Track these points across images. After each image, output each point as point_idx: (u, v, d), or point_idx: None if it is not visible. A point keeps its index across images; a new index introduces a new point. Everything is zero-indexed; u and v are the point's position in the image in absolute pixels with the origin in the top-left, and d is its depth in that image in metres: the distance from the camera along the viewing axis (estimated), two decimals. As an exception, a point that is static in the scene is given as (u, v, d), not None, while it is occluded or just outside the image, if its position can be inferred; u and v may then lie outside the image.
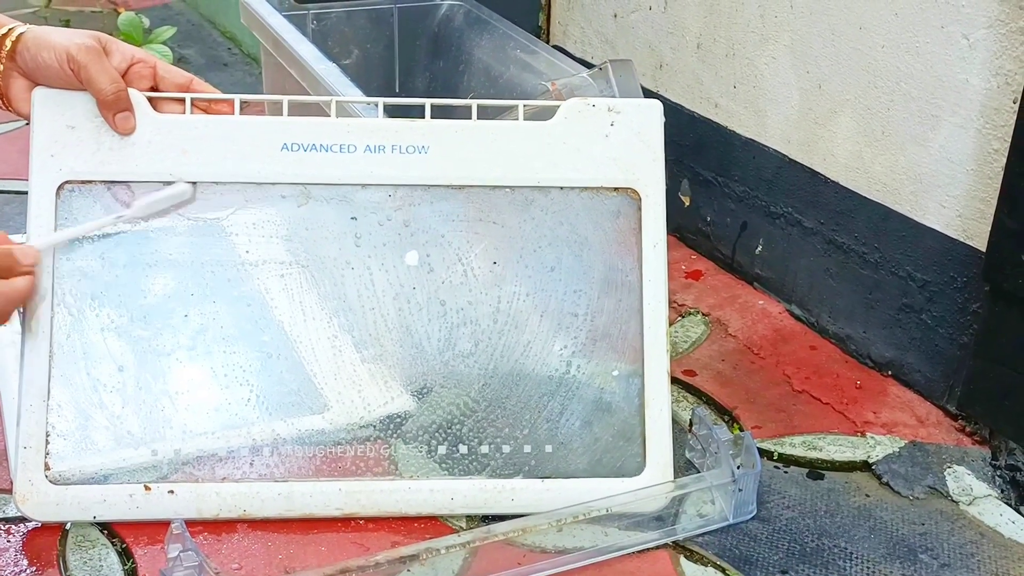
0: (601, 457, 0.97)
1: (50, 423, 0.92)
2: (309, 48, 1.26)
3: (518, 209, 0.98)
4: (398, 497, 0.94)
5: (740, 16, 1.28)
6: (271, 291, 0.96)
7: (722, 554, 0.94)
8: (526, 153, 0.97)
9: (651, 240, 0.97)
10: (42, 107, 0.92)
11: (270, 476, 0.94)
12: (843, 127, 1.18)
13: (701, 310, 1.30)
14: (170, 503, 0.92)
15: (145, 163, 0.94)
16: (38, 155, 0.93)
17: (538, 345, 0.98)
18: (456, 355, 0.97)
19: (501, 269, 0.98)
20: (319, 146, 0.95)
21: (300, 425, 0.95)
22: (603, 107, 0.98)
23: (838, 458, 1.06)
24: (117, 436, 0.93)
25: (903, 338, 1.15)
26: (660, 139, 0.98)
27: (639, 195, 0.98)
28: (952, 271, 1.08)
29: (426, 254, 0.97)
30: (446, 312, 0.97)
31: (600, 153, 0.97)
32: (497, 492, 0.95)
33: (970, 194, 1.05)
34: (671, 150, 1.44)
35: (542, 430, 0.97)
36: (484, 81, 1.39)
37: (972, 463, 1.05)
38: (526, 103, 0.98)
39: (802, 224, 1.25)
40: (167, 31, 1.99)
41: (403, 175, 0.96)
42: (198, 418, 0.94)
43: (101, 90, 0.90)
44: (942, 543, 0.96)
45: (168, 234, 0.95)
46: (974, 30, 1.01)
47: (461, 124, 0.97)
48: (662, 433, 0.96)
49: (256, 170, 0.95)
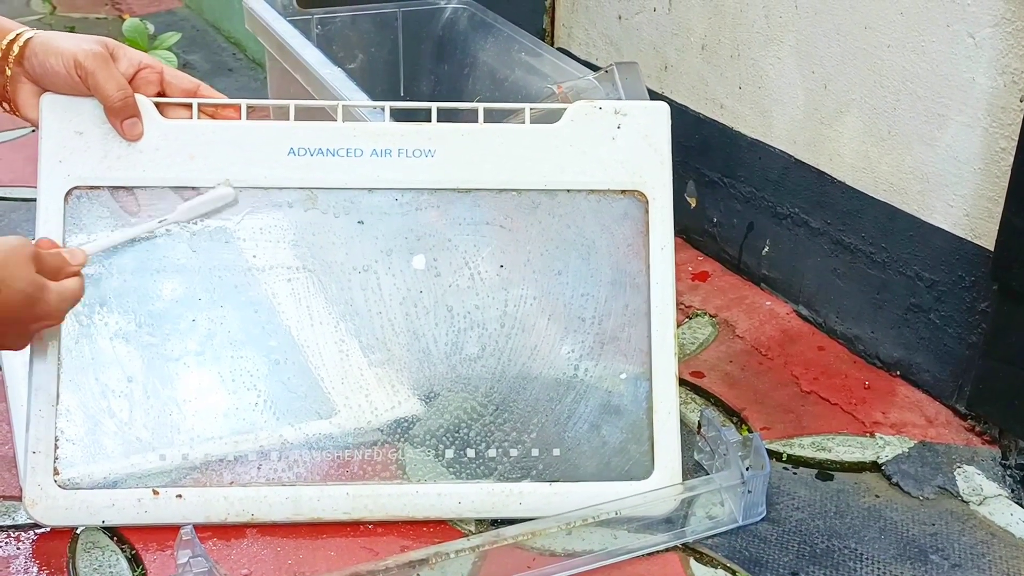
0: (609, 460, 0.96)
1: (59, 428, 0.92)
2: (314, 53, 1.26)
3: (525, 212, 0.98)
4: (406, 501, 0.94)
5: (745, 17, 1.28)
6: (278, 296, 0.96)
7: (732, 556, 0.93)
8: (533, 156, 0.97)
9: (658, 242, 0.97)
10: (50, 113, 0.93)
11: (278, 480, 0.94)
12: (849, 127, 1.17)
13: (708, 311, 1.30)
14: (178, 507, 0.93)
15: (153, 169, 0.94)
16: (46, 161, 0.93)
17: (545, 348, 0.98)
18: (463, 359, 0.97)
19: (508, 272, 0.98)
20: (326, 150, 0.95)
21: (307, 430, 0.95)
22: (610, 110, 0.97)
23: (847, 459, 1.06)
24: (126, 441, 0.93)
25: (911, 338, 1.15)
26: (667, 141, 0.98)
27: (646, 197, 0.98)
28: (960, 270, 1.08)
29: (433, 258, 0.97)
30: (453, 316, 0.97)
31: (607, 156, 0.97)
32: (505, 496, 0.95)
33: (977, 193, 1.05)
34: (677, 151, 1.43)
35: (550, 434, 0.96)
36: (489, 84, 1.39)
37: (982, 463, 1.05)
38: (533, 106, 0.98)
39: (809, 224, 1.25)
40: (172, 37, 2.00)
41: (410, 179, 0.96)
42: (206, 423, 0.94)
43: (108, 96, 0.91)
44: (953, 543, 0.95)
45: (175, 240, 0.95)
46: (980, 29, 1.01)
47: (467, 128, 0.97)
48: (670, 436, 0.96)
49: (263, 175, 0.95)
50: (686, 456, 1.04)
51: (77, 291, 0.87)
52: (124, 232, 0.93)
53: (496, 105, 1.00)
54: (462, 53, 1.47)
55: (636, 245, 0.98)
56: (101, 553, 0.92)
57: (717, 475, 0.97)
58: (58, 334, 0.92)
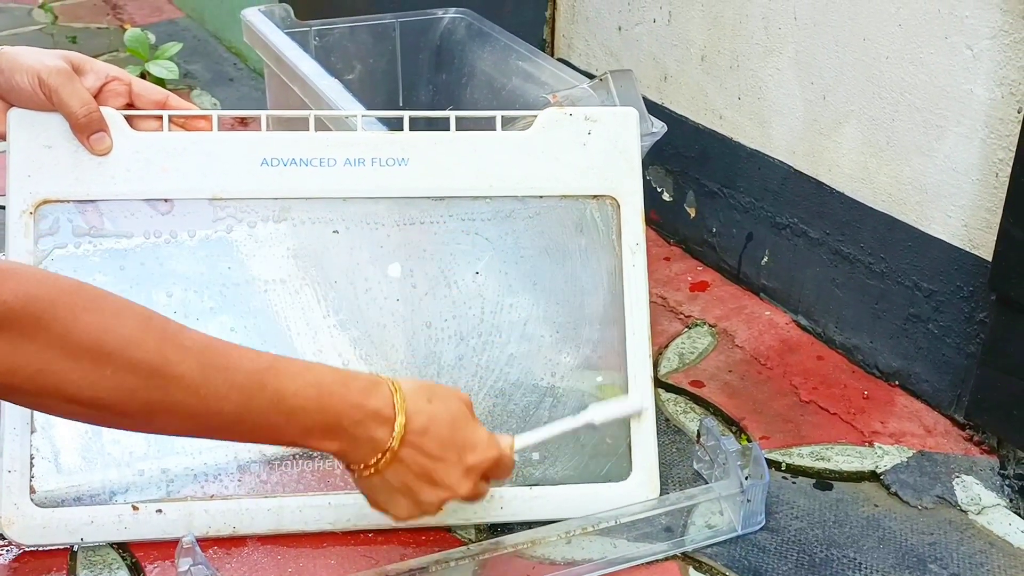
0: (588, 463, 0.97)
1: (34, 446, 0.91)
2: (311, 64, 1.26)
3: (499, 219, 0.98)
4: None
5: (744, 28, 1.28)
6: (253, 309, 0.96)
7: (731, 565, 0.94)
8: (505, 163, 0.97)
9: (630, 247, 0.98)
10: (18, 127, 0.92)
11: (259, 492, 0.94)
12: (848, 138, 1.18)
13: (708, 321, 1.30)
14: (159, 522, 0.92)
15: (124, 182, 0.93)
16: (15, 176, 0.92)
17: (522, 354, 0.98)
18: (441, 367, 0.97)
19: (483, 279, 0.98)
20: (299, 160, 0.95)
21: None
22: (579, 116, 0.98)
23: (846, 468, 1.06)
24: (103, 457, 0.92)
25: (910, 348, 1.15)
26: (637, 146, 0.98)
27: (617, 202, 0.98)
28: (958, 280, 1.08)
29: (408, 266, 0.97)
30: (430, 324, 0.97)
31: (578, 162, 0.98)
32: (486, 501, 0.95)
33: (976, 204, 1.05)
34: (677, 162, 1.44)
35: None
36: (487, 93, 1.40)
37: (980, 472, 1.05)
38: (504, 113, 0.99)
39: (808, 235, 1.26)
40: (173, 47, 2.00)
41: (383, 187, 0.96)
42: (183, 436, 0.93)
43: (72, 113, 0.90)
44: (951, 553, 0.96)
45: (147, 254, 0.95)
46: (978, 41, 1.01)
47: (440, 136, 0.97)
48: (647, 437, 0.97)
49: (237, 186, 0.95)
50: (685, 466, 1.05)
51: (484, 492, 0.86)
52: (551, 427, 0.91)
53: (466, 113, 1.00)
54: (460, 62, 1.47)
55: (608, 249, 0.98)
56: (101, 561, 0.92)
57: (716, 484, 0.97)
58: None
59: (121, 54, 2.16)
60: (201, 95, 2.02)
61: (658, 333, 1.27)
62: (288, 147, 0.95)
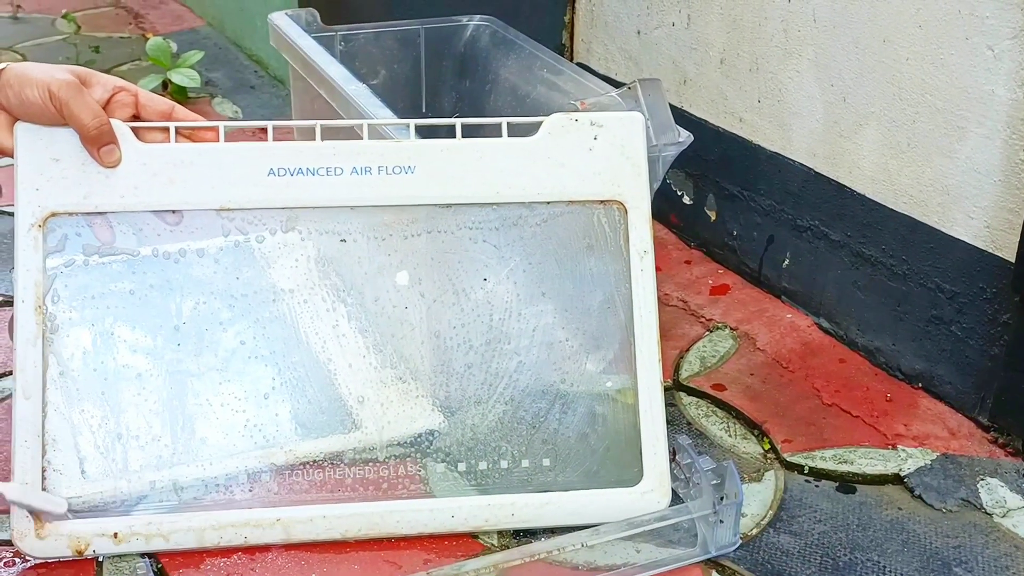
0: (599, 468, 0.97)
1: (46, 459, 0.91)
2: (339, 69, 1.27)
3: (506, 226, 0.98)
4: (397, 518, 0.94)
5: (763, 31, 1.28)
6: (263, 319, 0.96)
7: (754, 569, 0.94)
8: (511, 169, 0.97)
9: (638, 251, 0.98)
10: (25, 141, 0.92)
11: (269, 503, 0.94)
12: (868, 140, 1.18)
13: (729, 324, 1.30)
14: (169, 534, 0.92)
15: (132, 194, 0.93)
16: (23, 189, 0.92)
17: (531, 360, 0.98)
18: (451, 375, 0.97)
19: (492, 286, 0.98)
20: (306, 170, 0.95)
21: (294, 451, 0.95)
22: (585, 121, 0.98)
23: (869, 471, 1.05)
24: (114, 469, 0.93)
25: (933, 350, 1.15)
26: (643, 150, 0.98)
27: (625, 207, 0.98)
28: (981, 282, 1.08)
29: (416, 274, 0.98)
30: (438, 333, 0.98)
31: (584, 167, 0.98)
32: (497, 508, 0.95)
33: (998, 205, 1.05)
34: (696, 165, 1.44)
35: (539, 445, 0.97)
36: (511, 100, 1.40)
37: (1005, 475, 1.04)
38: (510, 120, 0.99)
39: (829, 237, 1.25)
40: (195, 55, 2.01)
41: (390, 195, 0.96)
42: (194, 448, 0.94)
43: (84, 125, 0.90)
44: (976, 556, 0.95)
45: (156, 266, 0.95)
46: (999, 41, 1.01)
47: (446, 143, 0.97)
48: (658, 441, 0.96)
49: (244, 196, 0.95)
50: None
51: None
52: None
53: (472, 120, 1.00)
54: (484, 69, 1.48)
55: (616, 254, 0.98)
56: (128, 567, 0.92)
57: (691, 503, 0.95)
58: (42, 363, 0.91)
59: (143, 63, 2.17)
60: (223, 103, 2.03)
61: (679, 337, 1.27)
62: (294, 156, 0.95)
